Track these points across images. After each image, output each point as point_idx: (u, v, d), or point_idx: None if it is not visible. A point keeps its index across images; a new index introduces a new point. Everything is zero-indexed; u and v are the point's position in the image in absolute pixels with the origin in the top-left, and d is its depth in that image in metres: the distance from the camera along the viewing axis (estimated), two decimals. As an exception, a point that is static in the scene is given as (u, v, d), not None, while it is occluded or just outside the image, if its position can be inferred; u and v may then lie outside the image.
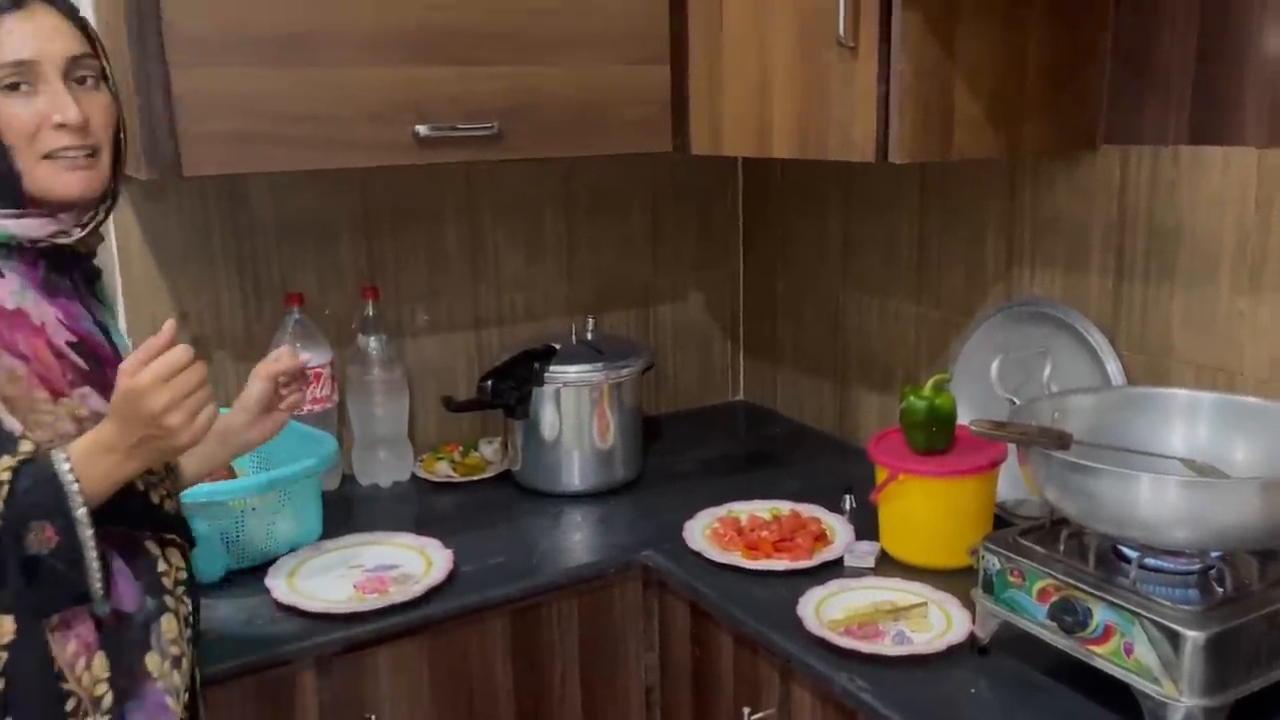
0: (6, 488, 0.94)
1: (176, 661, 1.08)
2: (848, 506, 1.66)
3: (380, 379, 1.81)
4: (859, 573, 1.47)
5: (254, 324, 1.77)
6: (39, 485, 0.95)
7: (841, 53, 1.36)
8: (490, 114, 1.53)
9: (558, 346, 1.78)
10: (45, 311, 1.04)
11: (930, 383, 1.49)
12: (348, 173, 1.77)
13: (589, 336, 1.83)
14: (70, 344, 1.05)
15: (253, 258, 1.76)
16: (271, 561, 1.49)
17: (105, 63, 1.07)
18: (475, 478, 1.86)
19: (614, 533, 1.67)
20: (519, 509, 1.74)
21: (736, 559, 1.50)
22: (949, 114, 1.37)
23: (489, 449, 1.94)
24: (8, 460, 0.95)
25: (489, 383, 1.71)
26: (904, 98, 1.33)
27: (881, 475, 1.49)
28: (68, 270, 1.08)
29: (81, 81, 1.03)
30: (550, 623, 1.53)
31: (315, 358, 1.73)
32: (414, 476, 1.87)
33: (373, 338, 1.80)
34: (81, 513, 0.96)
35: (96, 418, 1.03)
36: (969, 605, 1.29)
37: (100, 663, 1.01)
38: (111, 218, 1.60)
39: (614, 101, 1.63)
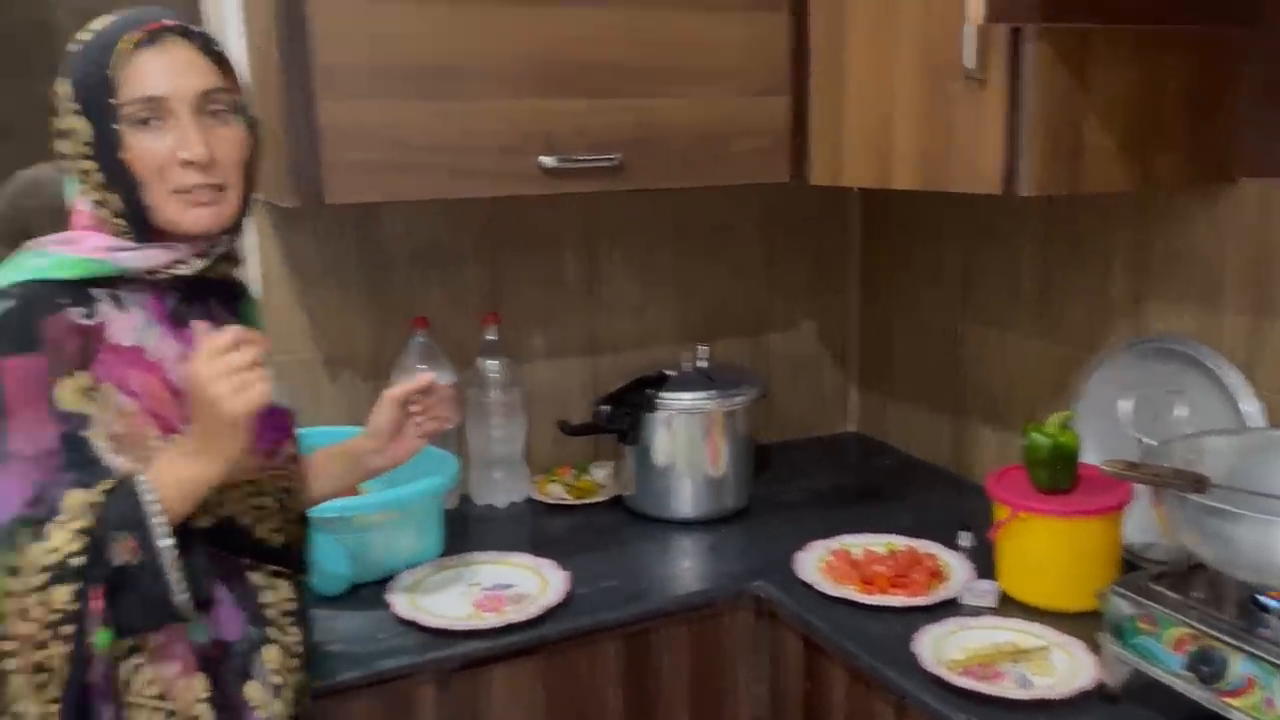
0: (99, 507, 0.96)
1: (278, 691, 1.10)
2: (965, 543, 1.63)
3: (498, 401, 1.86)
4: (977, 612, 1.44)
5: (381, 345, 1.84)
6: (119, 499, 0.97)
7: (969, 84, 1.36)
8: (614, 145, 1.57)
9: (671, 373, 1.80)
10: (168, 347, 1.05)
11: (1055, 419, 1.45)
12: (473, 201, 1.83)
13: (702, 364, 1.85)
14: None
15: (382, 281, 1.83)
16: (393, 576, 1.53)
17: (240, 95, 1.06)
18: (587, 501, 1.88)
19: (724, 561, 1.67)
20: (630, 533, 1.76)
21: (851, 593, 1.48)
22: (1079, 146, 1.35)
23: (601, 473, 1.96)
24: (106, 483, 0.97)
25: (604, 408, 1.74)
26: (1033, 129, 1.31)
27: (1002, 513, 1.46)
28: (201, 298, 1.10)
29: (214, 114, 1.03)
30: (661, 649, 1.54)
31: (438, 379, 1.78)
32: (528, 498, 1.90)
33: (492, 361, 1.85)
34: (157, 521, 0.97)
35: None
36: (1094, 650, 1.25)
37: (201, 683, 1.04)
38: (256, 244, 1.72)
39: (734, 132, 1.65)
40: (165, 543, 0.97)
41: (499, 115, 1.50)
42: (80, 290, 1.01)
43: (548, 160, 1.53)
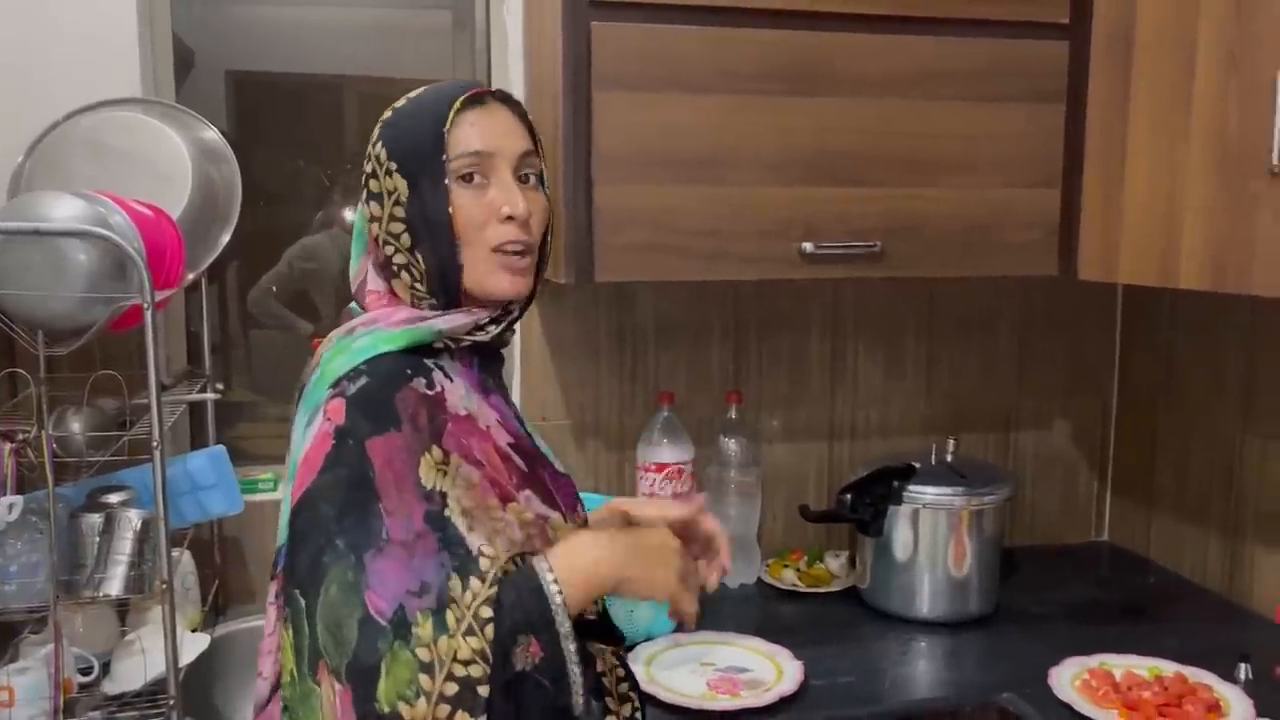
0: (492, 608, 0.88)
1: None
2: (1243, 676, 1.48)
3: (736, 480, 1.86)
4: (1263, 757, 1.30)
5: (626, 418, 1.89)
6: (524, 598, 0.90)
7: (1273, 181, 1.27)
8: (874, 233, 1.57)
9: (917, 465, 1.74)
10: (488, 414, 1.03)
11: (1365, 550, 1.31)
12: (724, 281, 1.87)
13: (949, 458, 1.79)
14: (510, 445, 1.03)
15: (632, 356, 1.89)
16: (630, 648, 1.55)
17: (544, 165, 1.07)
18: (819, 589, 1.85)
19: (966, 669, 1.59)
20: (866, 629, 1.71)
21: (1113, 718, 1.37)
22: (1404, 250, 1.23)
23: (835, 562, 1.92)
24: (483, 587, 0.89)
25: (848, 496, 1.71)
26: (1350, 231, 1.21)
27: (1295, 648, 1.32)
28: (488, 368, 1.08)
29: (525, 179, 1.03)
30: (899, 753, 1.48)
31: (678, 454, 1.82)
32: (759, 580, 1.89)
33: (732, 440, 1.86)
34: (566, 627, 0.90)
35: (540, 522, 1.00)
36: None
37: None
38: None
39: (1000, 224, 1.62)
40: (571, 646, 0.90)
41: (762, 202, 1.53)
42: (415, 360, 0.99)
43: (807, 246, 1.54)
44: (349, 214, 2.03)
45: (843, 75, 1.53)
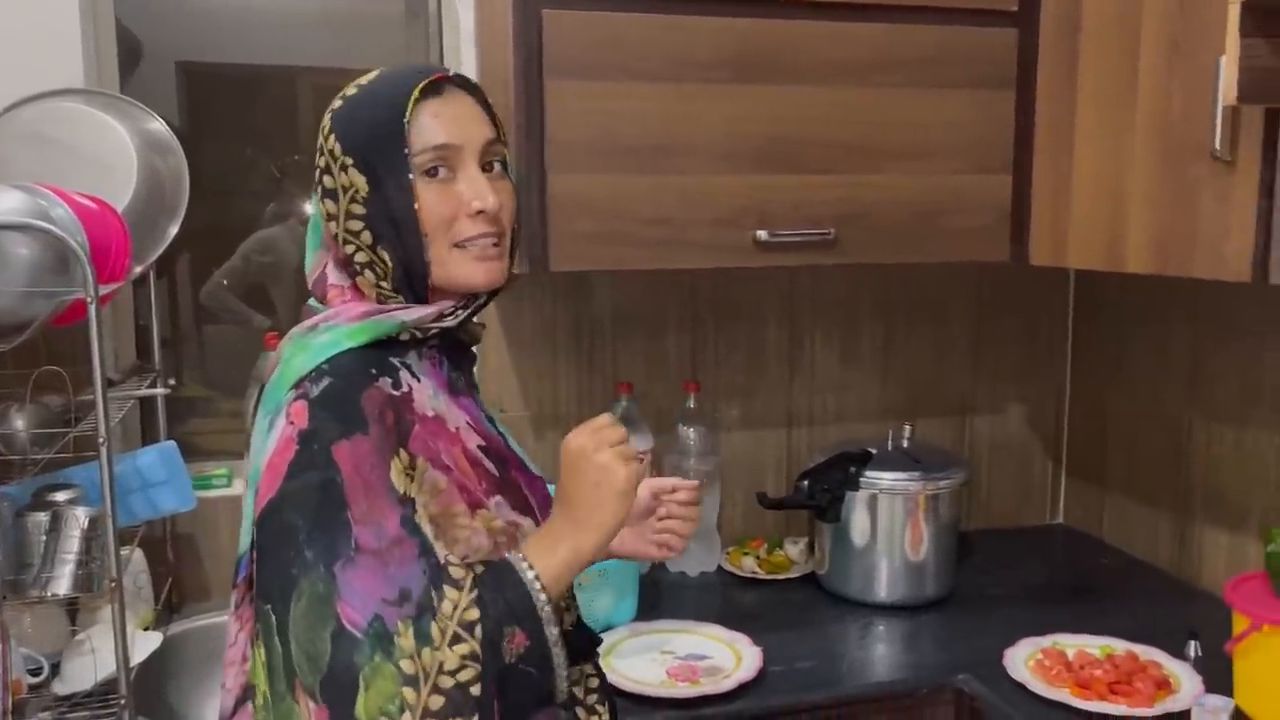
0: (478, 608, 0.87)
1: None
2: (1193, 654, 1.51)
3: (695, 469, 1.87)
4: (1211, 731, 1.32)
5: (585, 408, 1.89)
6: (504, 592, 0.89)
7: (1215, 166, 1.29)
8: (827, 220, 1.57)
9: (874, 451, 1.76)
10: (457, 415, 0.99)
11: (1306, 526, 1.33)
12: (678, 271, 1.87)
13: (905, 444, 1.80)
14: (481, 448, 1.00)
15: (589, 347, 1.89)
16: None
17: (508, 150, 1.03)
18: (779, 576, 1.86)
19: (923, 651, 1.61)
20: (825, 614, 1.72)
21: (1065, 696, 1.40)
22: (1341, 233, 1.25)
23: (794, 549, 1.93)
24: (462, 594, 0.88)
25: (805, 482, 1.72)
26: (1289, 214, 1.23)
27: (1241, 624, 1.34)
28: (459, 365, 1.05)
29: (489, 168, 0.98)
30: (857, 736, 1.49)
31: (637, 444, 1.81)
32: (720, 568, 1.89)
33: (691, 429, 1.87)
34: (547, 611, 0.89)
35: (511, 529, 0.98)
36: (1357, 788, 1.13)
37: None
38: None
39: (952, 210, 1.63)
40: (554, 632, 0.90)
41: (715, 190, 1.53)
42: (380, 359, 0.95)
43: (761, 234, 1.55)
44: (306, 206, 2.01)
45: (794, 63, 1.54)
